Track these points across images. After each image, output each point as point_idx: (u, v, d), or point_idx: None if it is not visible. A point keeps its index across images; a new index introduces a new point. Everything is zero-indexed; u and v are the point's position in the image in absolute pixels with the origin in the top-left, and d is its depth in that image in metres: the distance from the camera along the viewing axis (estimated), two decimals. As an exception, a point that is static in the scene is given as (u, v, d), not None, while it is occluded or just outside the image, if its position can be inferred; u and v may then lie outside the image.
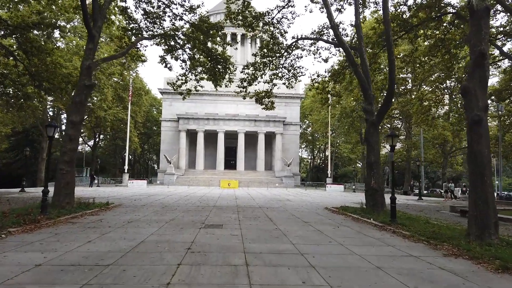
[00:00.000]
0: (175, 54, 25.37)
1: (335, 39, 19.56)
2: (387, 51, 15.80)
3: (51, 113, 52.18)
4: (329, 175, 52.52)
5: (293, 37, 22.52)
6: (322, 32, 23.06)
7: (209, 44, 25.39)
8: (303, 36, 21.72)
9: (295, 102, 68.38)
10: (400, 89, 40.49)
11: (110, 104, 47.24)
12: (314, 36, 21.66)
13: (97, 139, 68.99)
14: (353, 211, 16.69)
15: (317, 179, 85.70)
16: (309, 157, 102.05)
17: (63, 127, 58.27)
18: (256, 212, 16.48)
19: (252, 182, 53.36)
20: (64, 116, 53.91)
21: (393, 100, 18.33)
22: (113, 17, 26.59)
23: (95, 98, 46.37)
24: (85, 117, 52.30)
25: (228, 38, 63.29)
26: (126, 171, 49.36)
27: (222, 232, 10.68)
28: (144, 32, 22.83)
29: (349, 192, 43.96)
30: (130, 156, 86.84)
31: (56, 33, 43.63)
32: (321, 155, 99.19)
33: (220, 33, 24.90)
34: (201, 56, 25.58)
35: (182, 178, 55.47)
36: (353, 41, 22.86)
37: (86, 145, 72.04)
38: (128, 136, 50.09)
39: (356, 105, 56.04)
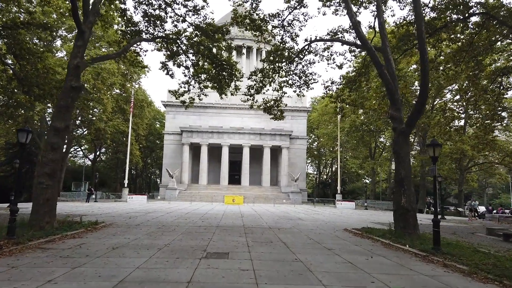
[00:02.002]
0: (177, 60, 23.62)
1: (356, 39, 17.57)
2: (420, 50, 13.71)
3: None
4: (338, 191, 49.94)
5: (306, 40, 20.58)
6: (337, 36, 21.25)
7: (214, 50, 23.60)
8: (318, 38, 19.73)
9: (301, 116, 66.36)
10: (414, 102, 38.27)
11: (110, 116, 45.39)
12: (330, 37, 19.66)
13: (98, 153, 67.16)
14: (380, 234, 14.31)
15: (324, 195, 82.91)
16: (315, 173, 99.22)
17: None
18: (266, 235, 14.15)
19: (258, 198, 50.90)
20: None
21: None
22: (115, 26, 24.93)
23: (96, 110, 44.63)
24: (85, 129, 50.68)
25: (233, 52, 61.98)
26: (126, 185, 47.13)
27: (229, 264, 8.39)
28: (144, 35, 21.06)
29: (361, 210, 41.35)
30: (133, 171, 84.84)
31: (58, 42, 42.43)
32: (327, 170, 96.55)
33: (226, 36, 23.09)
34: (205, 63, 23.84)
35: (185, 193, 53.15)
36: (372, 41, 20.88)
37: (87, 159, 70.06)
38: (129, 149, 48.13)
39: (365, 119, 53.99)
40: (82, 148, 66.09)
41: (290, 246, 11.31)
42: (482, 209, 44.31)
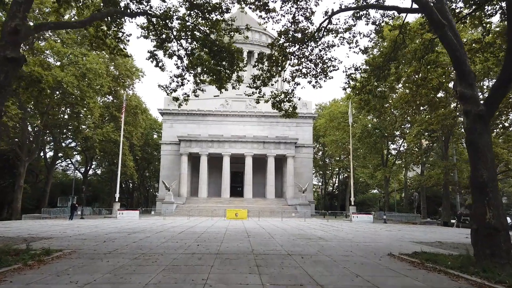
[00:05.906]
0: (169, 49, 19.75)
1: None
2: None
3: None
4: (352, 203, 45.33)
5: (326, 12, 16.48)
6: (360, 16, 17.40)
7: (213, 36, 19.67)
8: (343, 7, 15.56)
9: (307, 123, 62.14)
10: (438, 97, 34.04)
11: (99, 123, 41.12)
12: (360, 5, 15.51)
13: (90, 165, 62.81)
14: (453, 265, 9.83)
15: (331, 207, 78.17)
16: (319, 184, 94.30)
17: (48, 151, 52.21)
18: (289, 268, 9.72)
19: (263, 212, 46.27)
20: (50, 138, 48.00)
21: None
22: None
23: (82, 115, 40.40)
24: (73, 138, 46.24)
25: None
26: (117, 199, 42.55)
27: None
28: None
29: (380, 224, 36.71)
30: (130, 184, 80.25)
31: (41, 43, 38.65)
32: (334, 181, 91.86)
33: (226, 16, 19.13)
34: (202, 52, 19.97)
35: (183, 208, 48.56)
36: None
37: (78, 172, 65.48)
38: (121, 159, 43.66)
39: (378, 124, 49.77)
40: (74, 160, 61.69)
41: (335, 295, 6.88)
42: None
